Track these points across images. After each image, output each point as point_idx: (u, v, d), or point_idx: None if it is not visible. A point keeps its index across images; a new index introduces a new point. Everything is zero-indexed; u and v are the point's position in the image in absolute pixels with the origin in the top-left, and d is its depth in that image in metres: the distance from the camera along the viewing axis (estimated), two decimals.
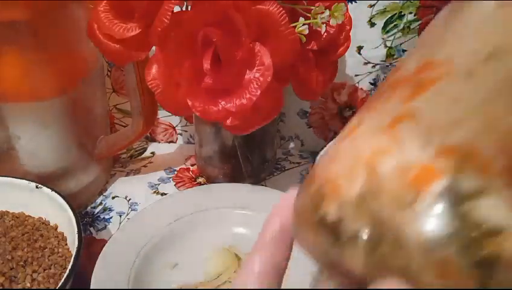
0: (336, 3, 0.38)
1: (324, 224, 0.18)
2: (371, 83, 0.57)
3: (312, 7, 0.38)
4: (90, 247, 0.48)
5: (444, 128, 0.17)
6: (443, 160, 0.16)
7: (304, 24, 0.38)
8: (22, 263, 0.40)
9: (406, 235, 0.16)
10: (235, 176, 0.55)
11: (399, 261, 0.16)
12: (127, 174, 0.59)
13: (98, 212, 0.53)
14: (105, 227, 0.51)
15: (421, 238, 0.16)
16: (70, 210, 0.42)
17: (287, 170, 0.60)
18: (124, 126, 0.64)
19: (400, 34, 0.54)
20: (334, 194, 0.18)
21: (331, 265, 0.19)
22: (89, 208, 0.53)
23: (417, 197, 0.16)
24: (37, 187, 0.45)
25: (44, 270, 0.40)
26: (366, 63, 0.56)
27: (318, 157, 0.21)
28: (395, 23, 0.53)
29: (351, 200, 0.17)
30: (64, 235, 0.44)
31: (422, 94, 0.18)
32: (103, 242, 0.45)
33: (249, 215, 0.49)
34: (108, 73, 0.60)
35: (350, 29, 0.45)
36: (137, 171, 0.59)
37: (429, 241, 0.16)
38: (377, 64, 0.56)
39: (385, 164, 0.17)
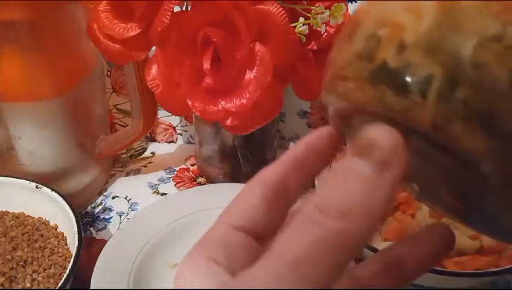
0: (336, 3, 0.38)
1: (384, 74, 0.15)
2: None
3: (312, 7, 0.38)
4: (90, 247, 0.48)
5: None
6: None
7: (304, 24, 0.38)
8: (22, 263, 0.40)
9: (493, 75, 0.14)
10: (235, 176, 0.55)
11: (481, 105, 0.14)
12: (127, 174, 0.59)
13: (98, 212, 0.53)
14: (105, 227, 0.51)
15: (509, 78, 0.13)
16: (70, 210, 0.42)
17: None
18: (124, 126, 0.64)
19: None
20: (394, 36, 0.15)
21: (395, 127, 0.16)
22: (89, 208, 0.53)
23: (507, 28, 0.14)
24: (37, 187, 0.45)
25: (44, 270, 0.40)
26: None
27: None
28: None
29: (419, 39, 0.15)
30: (64, 235, 0.44)
31: None
32: (103, 242, 0.45)
33: None
34: (108, 73, 0.60)
35: None
36: (137, 171, 0.59)
37: None
38: None
39: None
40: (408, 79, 0.15)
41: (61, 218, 0.44)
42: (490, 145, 0.14)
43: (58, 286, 0.36)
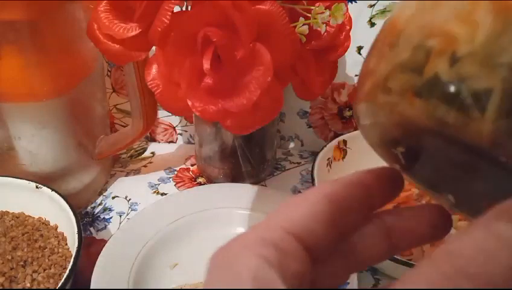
0: (336, 3, 0.38)
1: (435, 87, 0.14)
2: None
3: (312, 7, 0.38)
4: (90, 247, 0.48)
5: None
6: None
7: (304, 24, 0.38)
8: (22, 263, 0.40)
9: None
10: (235, 176, 0.55)
11: None
12: (127, 174, 0.59)
13: (98, 212, 0.53)
14: (105, 227, 0.51)
15: None
16: (70, 210, 0.42)
17: (287, 170, 0.60)
18: (124, 126, 0.64)
19: None
20: (448, 47, 0.14)
21: (430, 138, 0.15)
22: (89, 208, 0.53)
23: None
24: (37, 187, 0.45)
25: (44, 270, 0.40)
26: None
27: (394, 10, 0.17)
28: None
29: (475, 51, 0.14)
30: (64, 235, 0.44)
31: None
32: (103, 242, 0.45)
33: (249, 215, 0.49)
34: (108, 73, 0.60)
35: (350, 29, 0.45)
36: (137, 171, 0.59)
37: None
38: None
39: None
40: (464, 93, 0.14)
41: (61, 218, 0.44)
42: None
43: (58, 286, 0.36)
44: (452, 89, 0.14)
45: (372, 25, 0.53)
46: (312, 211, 0.17)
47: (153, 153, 0.64)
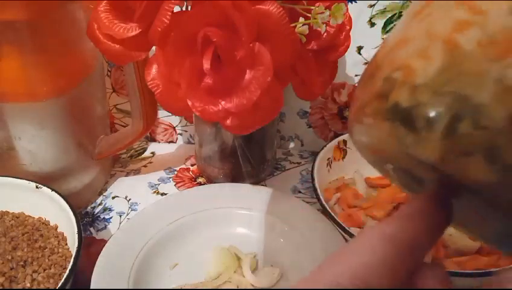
0: (336, 3, 0.38)
1: (397, 112, 0.17)
2: None
3: (312, 7, 0.38)
4: (90, 247, 0.48)
5: None
6: None
7: (304, 24, 0.38)
8: (22, 263, 0.40)
9: (492, 114, 0.15)
10: (235, 176, 0.55)
11: (482, 141, 0.15)
12: (127, 174, 0.59)
13: (98, 212, 0.53)
14: (105, 227, 0.51)
15: (509, 115, 0.14)
16: (70, 210, 0.42)
17: (287, 170, 0.60)
18: (124, 126, 0.64)
19: None
20: (407, 78, 0.17)
21: (402, 157, 0.17)
22: (89, 208, 0.53)
23: (506, 71, 0.15)
24: (37, 187, 0.45)
25: (44, 270, 0.40)
26: (366, 63, 0.56)
27: (379, 48, 0.19)
28: (395, 23, 0.53)
29: (427, 82, 0.16)
30: (64, 235, 0.44)
31: None
32: (103, 242, 0.45)
33: (249, 215, 0.49)
34: (108, 73, 0.60)
35: (350, 29, 0.45)
36: (137, 171, 0.59)
37: None
38: None
39: (467, 38, 0.15)
40: (418, 117, 0.16)
41: (61, 218, 0.44)
42: (494, 177, 0.15)
43: (58, 286, 0.36)
44: (409, 113, 0.17)
45: (372, 25, 0.53)
46: (371, 259, 0.16)
47: (153, 153, 0.64)
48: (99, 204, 0.54)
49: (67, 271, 0.37)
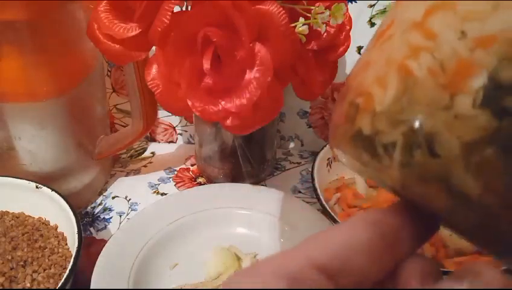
0: (336, 3, 0.38)
1: (360, 138, 0.17)
2: None
3: (312, 7, 0.38)
4: (90, 247, 0.48)
5: (481, 14, 0.15)
6: (481, 51, 0.14)
7: (304, 24, 0.38)
8: (22, 263, 0.40)
9: (443, 142, 0.15)
10: (235, 176, 0.55)
11: (436, 169, 0.15)
12: (127, 174, 0.59)
13: (98, 212, 0.53)
14: (105, 227, 0.51)
15: (460, 143, 0.15)
16: (70, 210, 0.42)
17: (287, 170, 0.60)
18: (124, 126, 0.64)
19: None
20: (367, 106, 0.17)
21: (371, 177, 0.18)
22: (89, 208, 0.53)
23: (455, 98, 0.15)
24: (37, 187, 0.45)
25: (44, 270, 0.40)
26: None
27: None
28: None
29: (384, 110, 0.16)
30: (64, 235, 0.44)
31: None
32: (103, 242, 0.45)
33: (249, 215, 0.49)
34: (108, 73, 0.60)
35: (350, 29, 0.45)
36: (137, 171, 0.59)
37: (469, 145, 0.14)
38: None
39: (419, 64, 0.16)
40: (378, 145, 0.17)
41: (61, 218, 0.44)
42: (449, 204, 0.15)
43: (58, 286, 0.36)
44: (370, 141, 0.17)
45: (372, 25, 0.53)
46: (349, 240, 0.16)
47: (153, 153, 0.64)
48: (99, 204, 0.54)
49: (67, 271, 0.37)
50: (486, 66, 0.14)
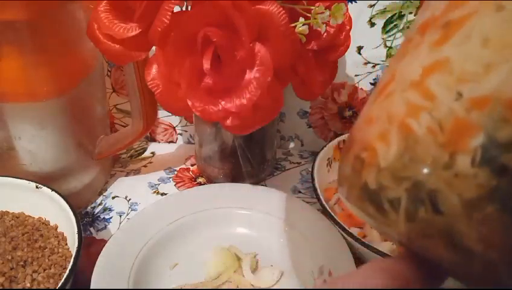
0: (336, 3, 0.38)
1: (367, 192, 0.18)
2: (371, 83, 0.57)
3: (312, 7, 0.38)
4: (90, 247, 0.48)
5: (475, 76, 0.15)
6: (477, 112, 0.15)
7: (304, 24, 0.38)
8: (22, 263, 0.40)
9: (445, 199, 0.15)
10: (235, 176, 0.55)
11: (440, 225, 0.15)
12: (127, 174, 0.59)
13: (98, 212, 0.53)
14: (105, 227, 0.51)
15: (461, 201, 0.15)
16: (70, 210, 0.42)
17: (287, 170, 0.60)
18: (124, 126, 0.64)
19: (400, 34, 0.54)
20: (372, 161, 0.18)
21: (378, 230, 0.18)
22: (89, 208, 0.53)
23: (454, 157, 0.15)
24: (37, 187, 0.45)
25: (44, 270, 0.40)
26: (366, 63, 0.56)
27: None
28: (395, 23, 0.53)
29: (388, 166, 0.17)
30: (64, 235, 0.44)
31: (451, 39, 0.16)
32: (103, 242, 0.45)
33: (249, 215, 0.49)
34: (108, 73, 0.60)
35: (350, 29, 0.45)
36: (137, 171, 0.59)
37: (470, 203, 0.15)
38: (377, 64, 0.56)
39: (419, 123, 0.16)
40: (383, 199, 0.17)
41: (61, 218, 0.44)
42: (455, 259, 0.16)
43: (58, 286, 0.36)
44: (375, 196, 0.17)
45: (372, 25, 0.53)
46: (366, 281, 0.17)
47: (153, 153, 0.64)
48: (99, 204, 0.54)
49: (67, 271, 0.37)
50: (483, 126, 0.15)
